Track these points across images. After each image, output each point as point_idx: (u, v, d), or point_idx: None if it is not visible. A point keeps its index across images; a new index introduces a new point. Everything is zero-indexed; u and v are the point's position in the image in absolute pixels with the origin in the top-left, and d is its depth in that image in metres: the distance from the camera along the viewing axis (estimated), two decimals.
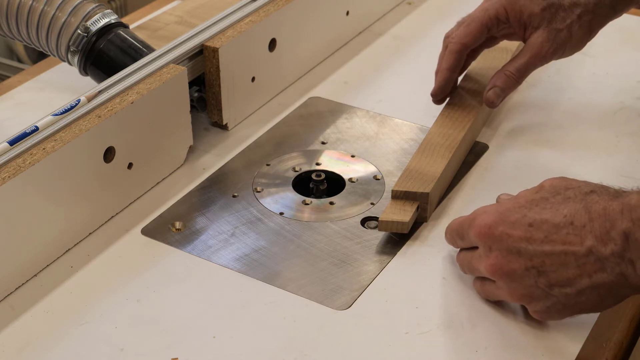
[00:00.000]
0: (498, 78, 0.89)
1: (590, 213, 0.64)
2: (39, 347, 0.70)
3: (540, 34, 0.87)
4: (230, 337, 0.70)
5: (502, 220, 0.67)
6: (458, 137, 0.87)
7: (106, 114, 0.79)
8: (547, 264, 0.65)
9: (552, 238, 0.65)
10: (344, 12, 1.10)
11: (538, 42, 0.87)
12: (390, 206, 0.80)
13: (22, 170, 0.72)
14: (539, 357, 0.68)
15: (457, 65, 0.91)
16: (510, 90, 0.90)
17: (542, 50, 0.88)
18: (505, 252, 0.67)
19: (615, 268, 0.63)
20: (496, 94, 0.89)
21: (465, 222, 0.71)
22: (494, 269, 0.67)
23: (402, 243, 0.79)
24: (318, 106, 1.00)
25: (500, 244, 0.67)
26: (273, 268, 0.77)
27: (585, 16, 0.88)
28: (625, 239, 0.62)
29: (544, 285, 0.66)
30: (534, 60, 0.88)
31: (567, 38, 0.88)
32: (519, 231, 0.66)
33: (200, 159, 0.91)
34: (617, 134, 0.93)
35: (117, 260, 0.78)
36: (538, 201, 0.67)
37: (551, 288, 0.66)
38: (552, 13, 0.87)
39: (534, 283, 0.66)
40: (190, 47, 0.90)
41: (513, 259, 0.66)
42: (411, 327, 0.71)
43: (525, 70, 0.89)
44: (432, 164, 0.83)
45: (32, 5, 0.93)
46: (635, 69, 1.05)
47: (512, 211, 0.67)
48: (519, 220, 0.67)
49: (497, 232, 0.67)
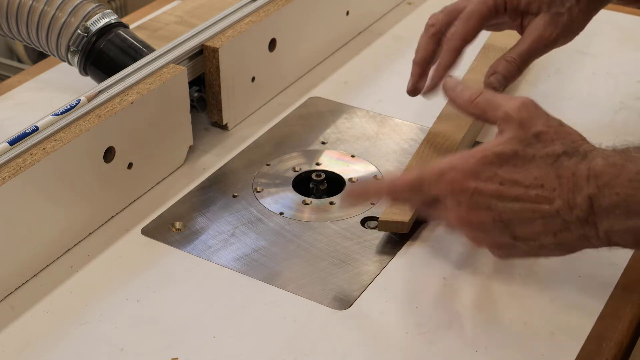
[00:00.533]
0: (498, 64, 0.85)
1: (560, 178, 0.65)
2: (39, 347, 0.70)
3: (542, 18, 0.84)
4: (230, 337, 0.70)
5: (473, 176, 0.68)
6: (458, 137, 0.87)
7: (106, 114, 0.79)
8: (514, 220, 0.67)
9: (522, 197, 0.66)
10: (344, 12, 1.10)
11: (540, 27, 0.84)
12: (390, 206, 0.80)
13: (22, 170, 0.72)
14: (539, 357, 0.68)
15: (455, 62, 0.87)
16: (512, 77, 0.85)
17: (545, 34, 0.84)
18: (474, 205, 0.68)
19: (580, 229, 0.65)
20: (498, 80, 0.84)
21: (427, 176, 0.70)
22: (462, 221, 0.69)
23: (402, 243, 0.79)
24: (318, 106, 1.00)
25: (471, 199, 0.68)
26: (273, 268, 0.77)
27: None
28: (590, 204, 0.64)
29: (509, 237, 0.68)
30: (537, 44, 0.85)
31: (568, 22, 0.85)
32: (490, 188, 0.67)
33: (200, 159, 0.91)
34: (617, 134, 0.93)
35: (117, 260, 0.78)
36: (508, 157, 0.67)
37: (516, 239, 0.68)
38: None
39: (499, 234, 0.68)
40: (190, 47, 0.90)
41: (482, 213, 0.67)
42: (411, 327, 0.71)
43: (528, 56, 0.85)
44: (431, 164, 0.83)
45: (32, 5, 0.93)
46: (635, 69, 1.05)
47: (483, 168, 0.68)
48: (490, 178, 0.67)
49: (468, 188, 0.67)
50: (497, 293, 0.74)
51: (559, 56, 1.06)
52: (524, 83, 1.02)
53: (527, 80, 1.03)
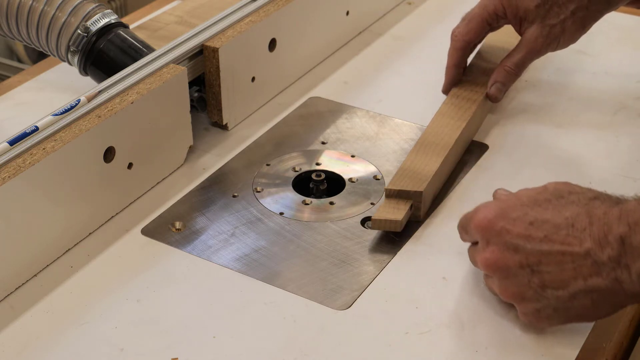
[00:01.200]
0: (498, 74, 0.93)
1: (590, 217, 0.64)
2: (39, 347, 0.70)
3: (535, 29, 0.91)
4: (230, 337, 0.70)
5: (502, 216, 0.67)
6: (454, 136, 0.87)
7: (106, 114, 0.79)
8: (543, 263, 0.65)
9: (552, 238, 0.65)
10: (344, 12, 1.10)
11: (533, 38, 0.91)
12: (384, 205, 0.80)
13: (22, 170, 0.72)
14: (539, 357, 0.68)
15: (462, 61, 0.96)
16: (511, 83, 0.94)
17: (537, 45, 0.92)
18: (502, 247, 0.66)
19: (611, 273, 0.63)
20: (498, 89, 0.93)
21: (469, 216, 0.72)
22: (488, 263, 0.67)
23: (402, 243, 0.79)
24: (318, 106, 1.00)
25: (499, 238, 0.67)
26: (273, 268, 0.77)
27: (579, 12, 0.90)
28: (621, 243, 0.62)
29: (536, 285, 0.65)
30: (530, 54, 0.92)
31: (560, 33, 0.91)
32: (519, 228, 0.66)
33: (200, 159, 0.91)
34: (617, 134, 0.93)
35: (117, 260, 0.78)
36: (541, 202, 0.67)
37: (544, 289, 0.65)
38: (546, 9, 0.90)
39: (527, 282, 0.66)
40: (190, 47, 0.90)
41: (509, 255, 0.66)
42: (411, 327, 0.71)
43: (523, 64, 0.93)
44: (426, 162, 0.84)
45: (32, 5, 0.93)
46: (635, 69, 1.05)
47: (514, 208, 0.67)
48: (520, 217, 0.66)
49: (497, 226, 0.67)
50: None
51: (559, 56, 1.06)
52: (523, 83, 1.02)
53: (527, 80, 1.03)
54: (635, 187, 0.85)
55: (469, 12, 0.94)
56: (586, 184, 0.85)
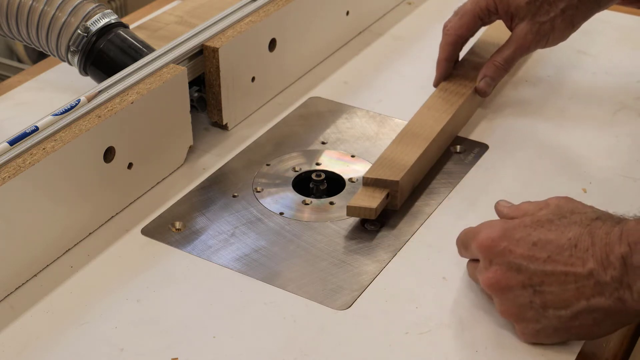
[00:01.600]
0: (488, 69, 0.95)
1: (593, 237, 0.64)
2: (39, 347, 0.70)
3: (524, 26, 0.93)
4: (230, 337, 0.70)
5: (506, 236, 0.67)
6: (437, 128, 0.88)
7: (106, 114, 0.79)
8: (545, 283, 0.65)
9: (555, 258, 0.65)
10: (344, 12, 1.10)
11: (522, 35, 0.93)
12: (361, 192, 0.81)
13: (22, 170, 0.72)
14: (539, 357, 0.68)
15: (454, 55, 0.97)
16: (500, 78, 0.96)
17: (526, 42, 0.93)
18: (505, 267, 0.67)
19: (614, 293, 0.63)
20: (487, 83, 0.95)
21: (470, 233, 0.71)
22: (490, 283, 0.67)
23: (402, 243, 0.79)
24: (318, 106, 1.00)
25: (502, 258, 0.67)
26: (273, 268, 0.77)
27: (569, 10, 0.92)
28: (623, 263, 0.63)
29: (538, 305, 0.66)
30: (519, 50, 0.94)
31: (549, 30, 0.93)
32: (522, 248, 0.66)
33: (200, 159, 0.91)
34: (617, 134, 0.93)
35: (117, 260, 0.78)
36: (544, 222, 0.67)
37: (545, 309, 0.65)
38: (536, 6, 0.92)
39: (528, 302, 0.66)
40: (190, 47, 0.90)
41: (511, 275, 0.66)
42: (411, 327, 0.71)
43: (512, 59, 0.95)
44: (406, 153, 0.85)
45: (32, 5, 0.93)
46: (635, 69, 1.05)
47: (517, 228, 0.67)
48: (523, 238, 0.66)
49: (500, 246, 0.67)
50: None
51: (559, 56, 1.06)
52: (524, 83, 1.02)
53: (528, 80, 1.03)
54: (635, 187, 0.85)
55: (462, 7, 0.96)
56: (586, 184, 0.85)
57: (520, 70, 1.05)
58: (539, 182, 0.87)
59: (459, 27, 0.95)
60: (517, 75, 1.04)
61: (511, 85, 1.02)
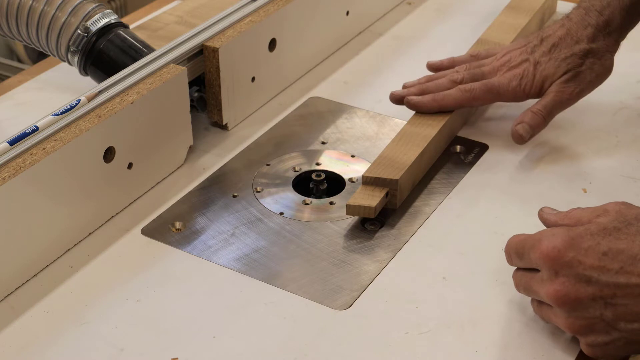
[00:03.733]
0: (525, 115, 0.89)
1: None
2: (39, 347, 0.70)
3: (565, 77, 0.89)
4: (230, 337, 0.70)
5: (573, 246, 0.63)
6: (436, 127, 0.88)
7: (106, 114, 0.79)
8: (618, 295, 0.62)
9: (628, 270, 0.62)
10: (344, 12, 1.10)
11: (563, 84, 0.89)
12: (360, 191, 0.81)
13: (22, 170, 0.72)
14: (539, 357, 0.68)
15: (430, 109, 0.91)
16: (538, 127, 0.89)
17: (568, 90, 0.89)
18: (573, 279, 0.63)
19: None
20: (524, 129, 0.88)
21: (528, 241, 0.67)
22: (559, 296, 0.64)
23: (402, 243, 0.79)
24: (318, 106, 1.00)
25: (569, 269, 0.63)
26: (273, 268, 0.77)
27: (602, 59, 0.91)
28: None
29: (609, 318, 0.63)
30: (560, 99, 0.89)
31: (589, 76, 0.90)
32: (592, 259, 0.63)
33: (200, 159, 0.91)
34: (617, 134, 0.93)
35: (117, 260, 0.78)
36: (611, 230, 0.64)
37: (616, 322, 0.63)
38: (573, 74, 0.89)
39: (599, 315, 0.63)
40: (190, 47, 0.90)
41: (581, 287, 0.63)
42: (411, 327, 0.71)
43: (552, 108, 0.89)
44: (405, 152, 0.85)
45: (32, 5, 0.93)
46: (635, 69, 1.05)
47: (584, 237, 0.64)
48: (592, 248, 0.63)
49: (567, 257, 0.63)
50: (497, 293, 0.74)
51: None
52: None
53: None
54: (635, 187, 0.85)
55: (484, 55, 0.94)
56: (586, 184, 0.85)
57: None
58: (539, 182, 0.86)
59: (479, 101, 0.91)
60: None
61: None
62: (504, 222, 0.81)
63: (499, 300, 0.73)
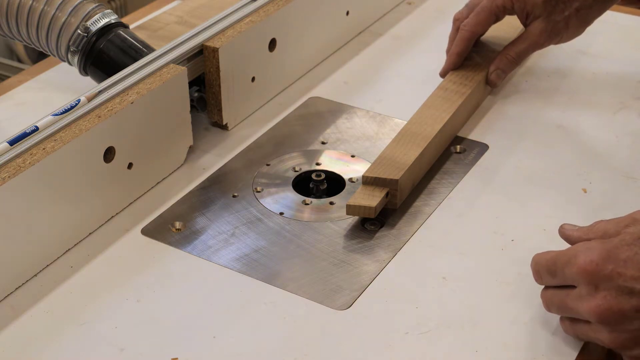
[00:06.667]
0: (500, 61, 0.97)
1: None
2: (39, 347, 0.70)
3: (540, 23, 0.96)
4: (230, 337, 0.70)
5: (610, 258, 0.62)
6: (436, 127, 0.88)
7: (106, 114, 0.79)
8: None
9: None
10: (344, 12, 1.10)
11: (537, 31, 0.96)
12: (360, 191, 0.81)
13: (22, 170, 0.72)
14: (539, 357, 0.68)
15: (466, 50, 0.99)
16: (510, 71, 0.99)
17: (540, 39, 0.96)
18: (615, 292, 0.61)
19: None
20: (498, 75, 0.97)
21: (561, 257, 0.65)
22: (601, 311, 0.62)
23: (402, 243, 0.79)
24: (318, 106, 1.00)
25: (610, 283, 0.61)
26: (273, 268, 0.77)
27: (583, 10, 0.95)
28: None
29: None
30: (532, 46, 0.97)
31: (563, 29, 0.96)
32: (632, 269, 0.61)
33: (200, 159, 0.91)
34: (617, 134, 0.93)
35: (117, 260, 0.78)
36: None
37: None
38: (552, 5, 0.95)
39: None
40: (190, 47, 0.90)
41: (623, 300, 0.61)
42: (411, 327, 0.71)
43: (524, 54, 0.98)
44: (405, 152, 0.85)
45: (32, 5, 0.93)
46: (635, 69, 1.05)
47: (620, 249, 0.62)
48: (630, 258, 0.61)
49: (606, 270, 0.61)
50: (497, 293, 0.74)
51: (559, 56, 1.06)
52: (524, 83, 1.02)
53: (528, 80, 1.03)
54: (635, 187, 0.85)
55: (476, 2, 0.97)
56: (586, 184, 0.85)
57: (521, 70, 1.05)
58: (539, 182, 0.86)
59: (475, 24, 0.97)
60: (518, 75, 1.04)
61: (512, 85, 1.02)
62: (504, 222, 0.81)
63: (499, 300, 0.73)
